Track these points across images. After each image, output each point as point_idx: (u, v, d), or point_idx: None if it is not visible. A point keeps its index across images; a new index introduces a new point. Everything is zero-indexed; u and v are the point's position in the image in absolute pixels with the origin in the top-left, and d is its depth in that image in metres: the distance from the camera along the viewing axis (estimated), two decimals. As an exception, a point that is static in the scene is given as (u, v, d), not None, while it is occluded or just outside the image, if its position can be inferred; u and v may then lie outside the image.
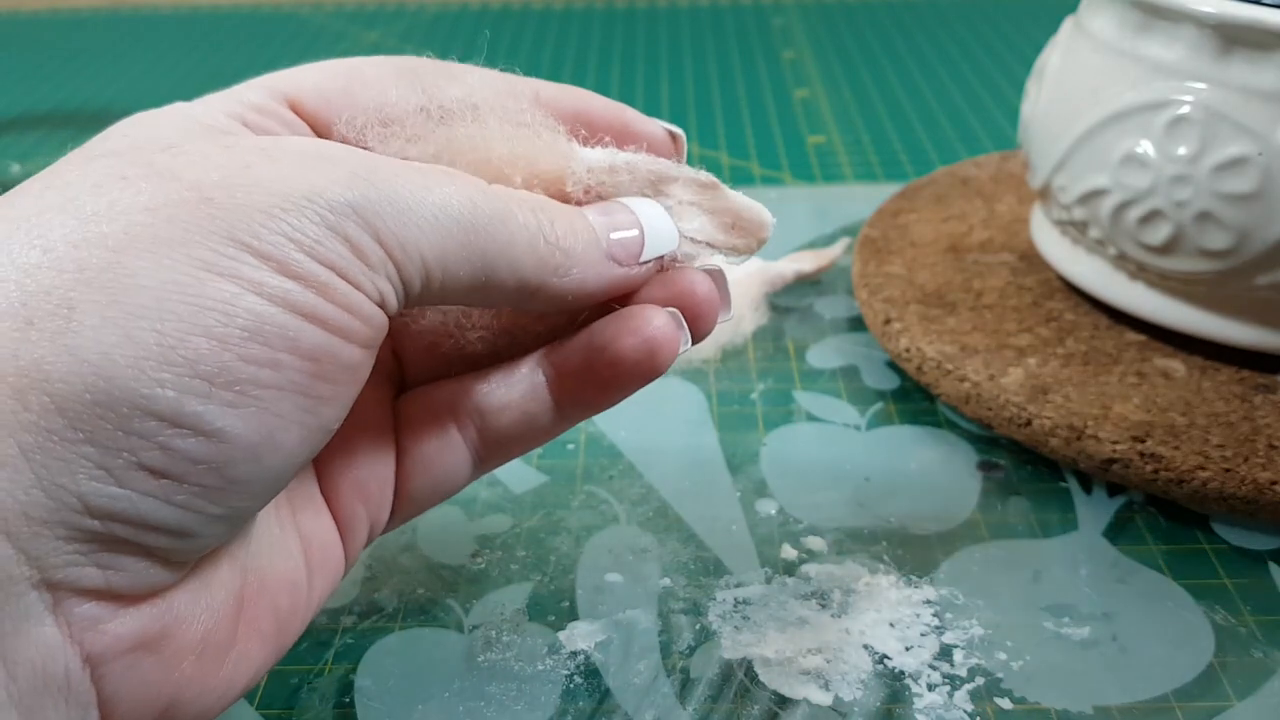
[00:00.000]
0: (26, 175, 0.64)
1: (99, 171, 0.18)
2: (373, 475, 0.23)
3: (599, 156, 0.24)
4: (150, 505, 0.17)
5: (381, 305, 0.19)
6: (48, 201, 0.17)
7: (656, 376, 0.23)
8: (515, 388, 0.24)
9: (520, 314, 0.24)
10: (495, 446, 0.24)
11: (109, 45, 0.83)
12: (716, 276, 0.24)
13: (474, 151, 0.23)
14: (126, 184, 0.18)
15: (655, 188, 0.24)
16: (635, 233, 0.23)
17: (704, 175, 0.24)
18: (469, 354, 0.25)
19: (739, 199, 0.24)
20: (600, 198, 0.23)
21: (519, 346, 0.25)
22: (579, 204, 0.23)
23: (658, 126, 0.25)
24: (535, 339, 0.25)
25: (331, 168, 0.19)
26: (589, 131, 0.24)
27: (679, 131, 0.26)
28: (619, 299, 0.23)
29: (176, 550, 0.18)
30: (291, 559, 0.22)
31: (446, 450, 0.24)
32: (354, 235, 0.18)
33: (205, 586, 0.19)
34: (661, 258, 0.23)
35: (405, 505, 0.24)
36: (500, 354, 0.25)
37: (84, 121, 0.67)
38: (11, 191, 0.18)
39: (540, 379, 0.24)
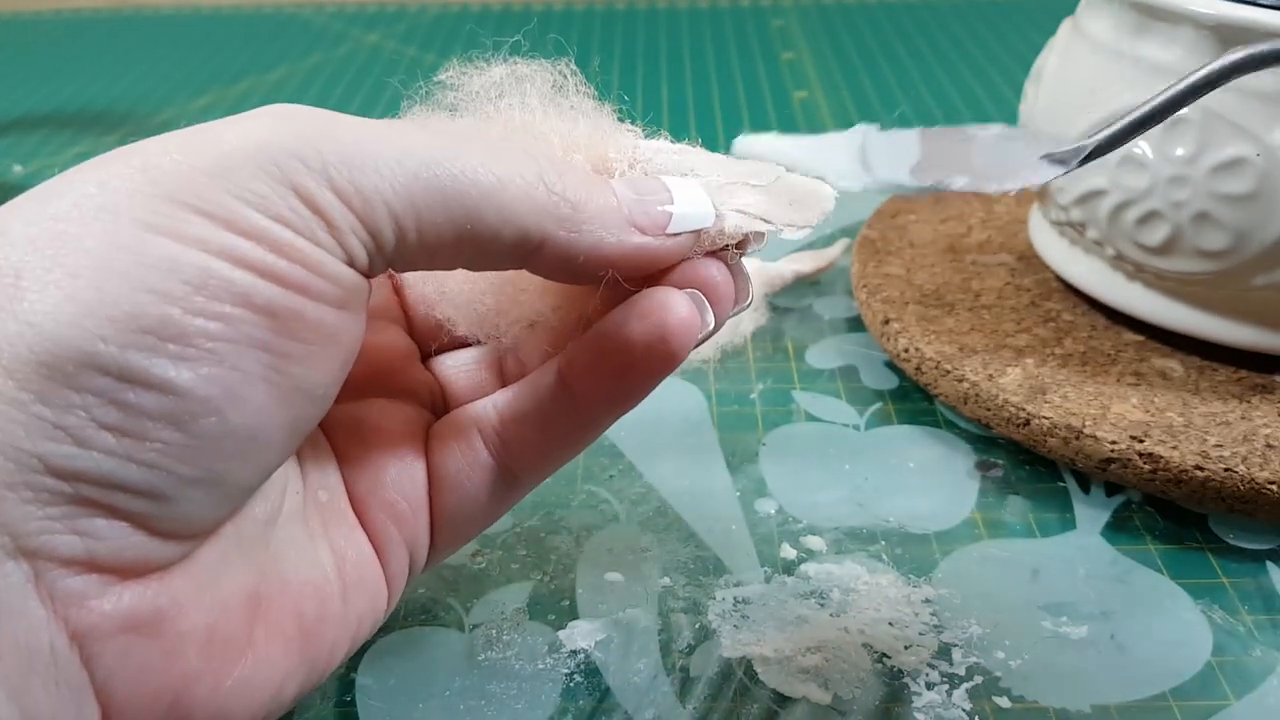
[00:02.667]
0: (28, 176, 0.64)
1: (81, 165, 0.18)
2: (402, 495, 0.23)
3: (654, 144, 0.23)
4: (114, 464, 0.17)
5: (351, 263, 0.19)
6: (24, 196, 0.18)
7: (674, 365, 0.21)
8: (533, 392, 0.23)
9: (553, 303, 0.23)
10: (522, 458, 0.23)
11: (110, 46, 0.83)
12: (734, 264, 0.23)
13: (526, 132, 0.22)
14: (88, 166, 0.18)
15: (701, 172, 0.22)
16: (662, 201, 0.21)
17: (767, 168, 0.22)
18: (513, 359, 0.25)
19: (795, 177, 0.23)
20: (645, 173, 0.22)
21: (559, 337, 0.24)
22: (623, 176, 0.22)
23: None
24: (573, 328, 0.23)
25: (284, 124, 0.18)
26: None
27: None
28: (645, 281, 0.21)
29: (159, 517, 0.17)
30: (319, 568, 0.21)
31: (475, 467, 0.23)
32: (305, 187, 0.18)
33: (211, 577, 0.19)
34: (699, 234, 0.21)
35: (444, 530, 0.24)
36: (543, 354, 0.24)
37: (85, 123, 0.67)
38: None
39: (557, 379, 0.23)
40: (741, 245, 0.22)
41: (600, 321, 0.22)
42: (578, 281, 0.22)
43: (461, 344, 0.26)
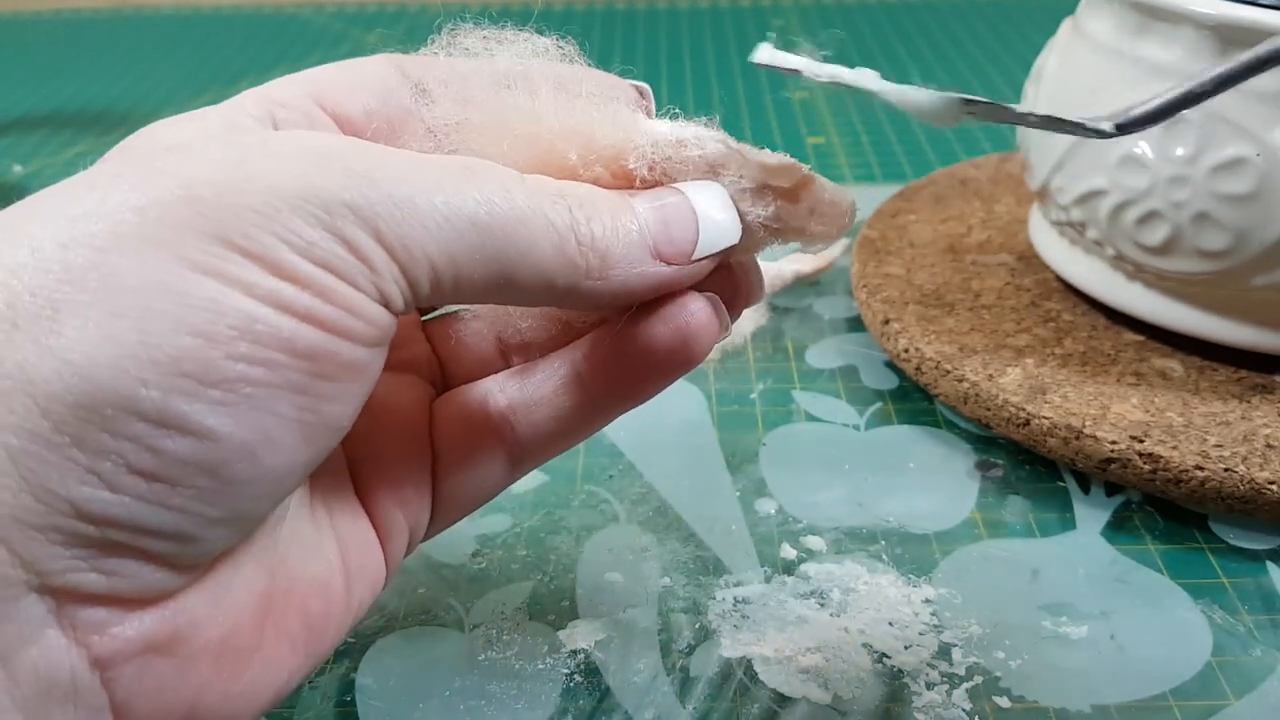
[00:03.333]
0: (28, 176, 0.64)
1: (99, 171, 0.18)
2: (408, 479, 0.23)
3: (665, 130, 0.21)
4: (145, 510, 0.16)
5: (386, 305, 0.19)
6: (44, 202, 0.17)
7: (693, 366, 0.21)
8: (547, 382, 0.23)
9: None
10: (530, 444, 0.23)
11: (111, 46, 0.83)
12: (748, 264, 0.23)
13: (524, 125, 0.21)
14: (119, 182, 0.17)
15: (727, 167, 0.21)
16: (688, 228, 0.21)
17: (784, 158, 0.21)
18: (521, 345, 0.24)
19: (819, 181, 0.22)
20: (666, 175, 0.21)
21: (575, 333, 0.24)
22: (643, 182, 0.21)
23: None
24: (591, 326, 0.23)
25: (329, 163, 0.18)
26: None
27: (644, 86, 0.24)
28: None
29: (180, 555, 0.17)
30: (325, 562, 0.21)
31: (481, 451, 0.23)
32: (351, 236, 0.18)
33: (225, 588, 0.19)
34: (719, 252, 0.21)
35: (443, 509, 0.24)
36: (556, 342, 0.24)
37: (86, 123, 0.67)
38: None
39: (572, 372, 0.23)
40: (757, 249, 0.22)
41: (621, 322, 0.22)
42: (603, 310, 0.23)
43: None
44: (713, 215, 0.21)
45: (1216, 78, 0.24)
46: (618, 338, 0.22)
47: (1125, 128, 0.23)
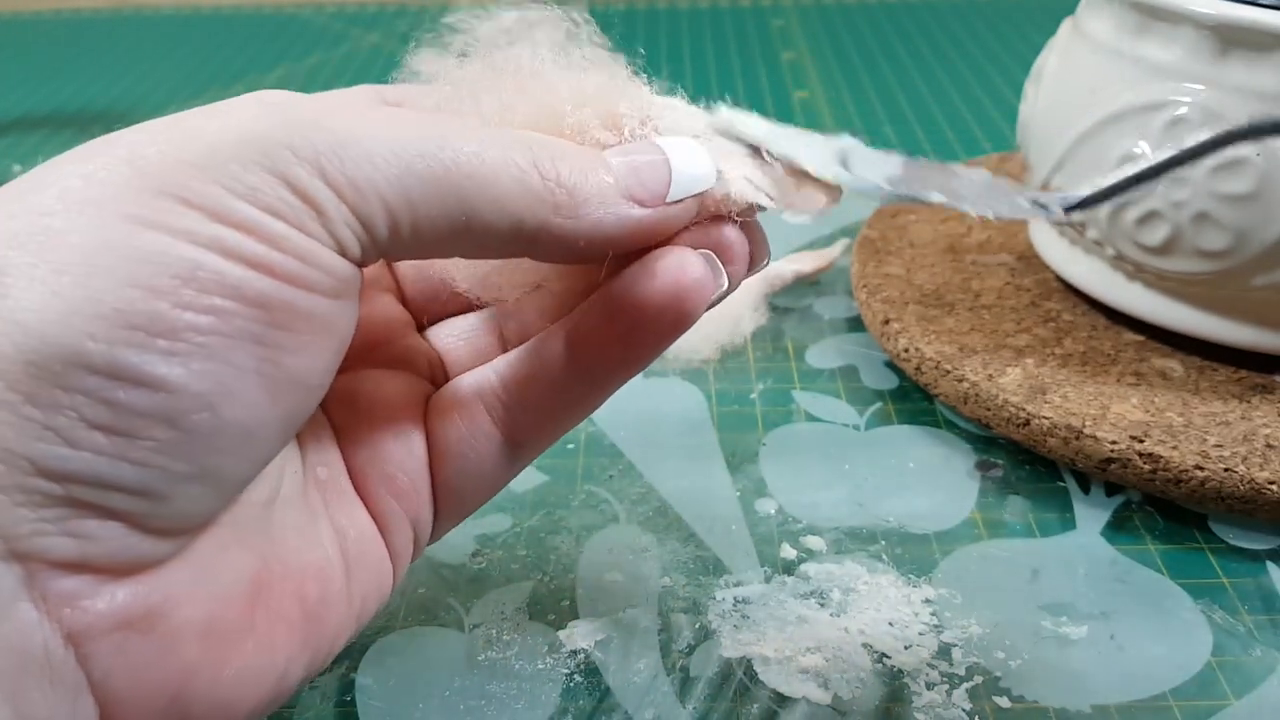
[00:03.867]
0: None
1: (62, 155, 0.18)
2: (401, 468, 0.22)
3: (667, 100, 0.22)
4: (106, 464, 0.16)
5: (343, 253, 0.18)
6: (5, 187, 0.18)
7: (686, 326, 0.21)
8: (539, 354, 0.22)
9: (560, 268, 0.23)
10: (527, 426, 0.23)
11: (110, 46, 0.83)
12: (750, 224, 0.22)
13: (537, 81, 0.21)
14: (67, 155, 0.18)
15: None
16: (659, 169, 0.20)
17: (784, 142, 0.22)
18: (519, 329, 0.24)
19: (813, 161, 0.22)
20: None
21: (561, 303, 0.23)
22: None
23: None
24: (577, 294, 0.23)
25: (271, 112, 0.18)
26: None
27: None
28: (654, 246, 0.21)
29: (153, 515, 0.17)
30: (321, 548, 0.21)
31: (477, 436, 0.23)
32: (295, 178, 0.17)
33: (208, 567, 0.19)
34: (702, 200, 0.21)
35: (448, 501, 0.23)
36: (549, 317, 0.23)
37: (85, 122, 0.67)
38: None
39: (564, 343, 0.22)
40: (747, 214, 0.22)
41: (611, 282, 0.21)
42: (582, 263, 0.22)
43: (458, 311, 0.26)
44: (686, 155, 0.21)
45: (1164, 163, 0.24)
46: (608, 299, 0.21)
47: (1071, 209, 0.24)
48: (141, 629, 0.17)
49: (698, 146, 0.21)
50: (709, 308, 0.21)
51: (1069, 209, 0.23)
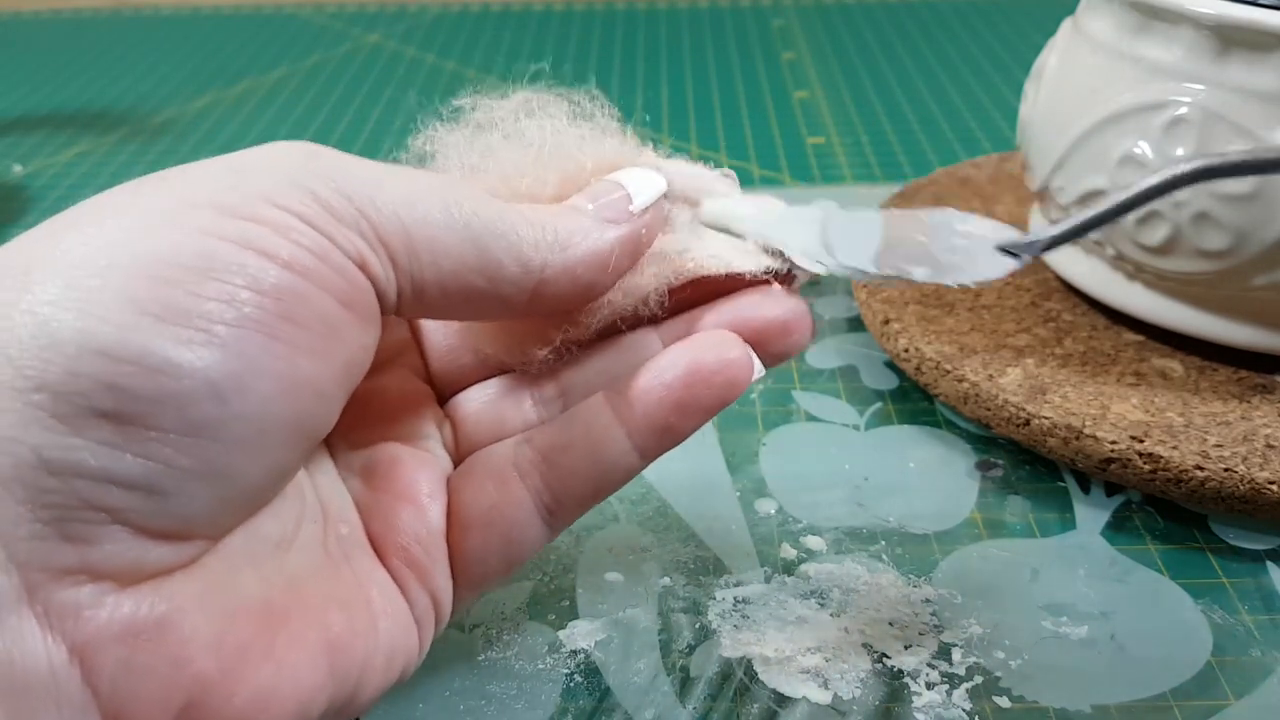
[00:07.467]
0: (28, 177, 0.64)
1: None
2: (415, 540, 0.23)
3: (673, 165, 0.25)
4: (109, 455, 0.16)
5: (362, 267, 0.19)
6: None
7: (735, 395, 0.23)
8: (581, 425, 0.23)
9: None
10: (565, 494, 0.23)
11: (110, 46, 0.83)
12: (790, 287, 0.25)
13: (559, 153, 0.24)
14: (109, 191, 0.19)
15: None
16: (618, 191, 0.23)
17: (774, 205, 0.25)
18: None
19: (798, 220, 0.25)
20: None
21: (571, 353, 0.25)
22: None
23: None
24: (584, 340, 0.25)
25: (307, 158, 0.20)
26: None
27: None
28: (671, 313, 0.24)
29: (156, 515, 0.17)
30: (342, 584, 0.21)
31: (509, 505, 0.23)
32: (319, 189, 0.19)
33: (218, 586, 0.19)
34: (668, 216, 0.25)
35: (467, 573, 0.23)
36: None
37: (85, 123, 0.67)
38: None
39: (607, 414, 0.23)
40: (787, 280, 0.25)
41: (661, 355, 0.23)
42: (589, 299, 0.23)
43: (481, 379, 0.26)
44: (633, 176, 0.24)
45: (1121, 204, 0.25)
46: (659, 372, 0.23)
47: (1040, 250, 0.25)
48: (148, 639, 0.17)
49: (638, 170, 0.25)
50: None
51: (1039, 252, 0.25)
